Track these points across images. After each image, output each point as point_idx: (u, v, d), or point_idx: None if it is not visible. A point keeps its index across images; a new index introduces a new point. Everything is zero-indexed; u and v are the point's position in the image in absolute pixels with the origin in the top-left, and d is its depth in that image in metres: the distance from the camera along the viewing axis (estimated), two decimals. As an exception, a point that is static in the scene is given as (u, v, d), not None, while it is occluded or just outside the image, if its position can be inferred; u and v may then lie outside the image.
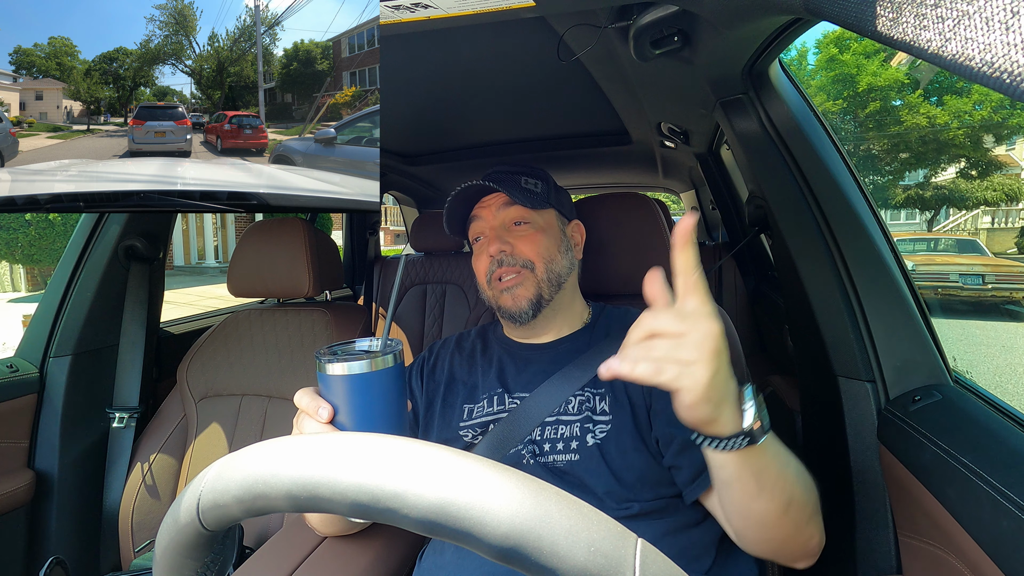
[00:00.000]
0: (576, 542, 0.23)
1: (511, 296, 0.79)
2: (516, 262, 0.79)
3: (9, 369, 1.13)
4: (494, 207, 0.83)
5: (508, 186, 0.80)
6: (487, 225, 0.83)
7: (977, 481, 0.52)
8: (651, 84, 1.17)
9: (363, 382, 0.47)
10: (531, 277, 0.79)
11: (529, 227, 0.82)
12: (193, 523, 0.30)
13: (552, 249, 0.82)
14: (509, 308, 0.79)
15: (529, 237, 0.81)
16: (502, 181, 0.82)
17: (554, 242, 0.83)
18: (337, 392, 0.47)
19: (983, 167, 15.18)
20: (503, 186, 0.79)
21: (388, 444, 0.28)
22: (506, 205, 0.82)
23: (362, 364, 0.46)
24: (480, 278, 0.84)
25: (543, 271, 0.79)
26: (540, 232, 0.82)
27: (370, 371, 0.46)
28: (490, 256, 0.81)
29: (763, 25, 0.69)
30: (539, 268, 0.79)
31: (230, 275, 1.22)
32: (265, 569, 0.70)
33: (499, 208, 0.83)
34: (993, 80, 0.24)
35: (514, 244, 0.80)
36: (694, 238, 0.44)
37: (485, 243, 0.83)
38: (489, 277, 0.81)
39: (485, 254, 0.82)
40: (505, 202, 0.82)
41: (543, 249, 0.81)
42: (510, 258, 0.79)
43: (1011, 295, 7.15)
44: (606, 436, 0.69)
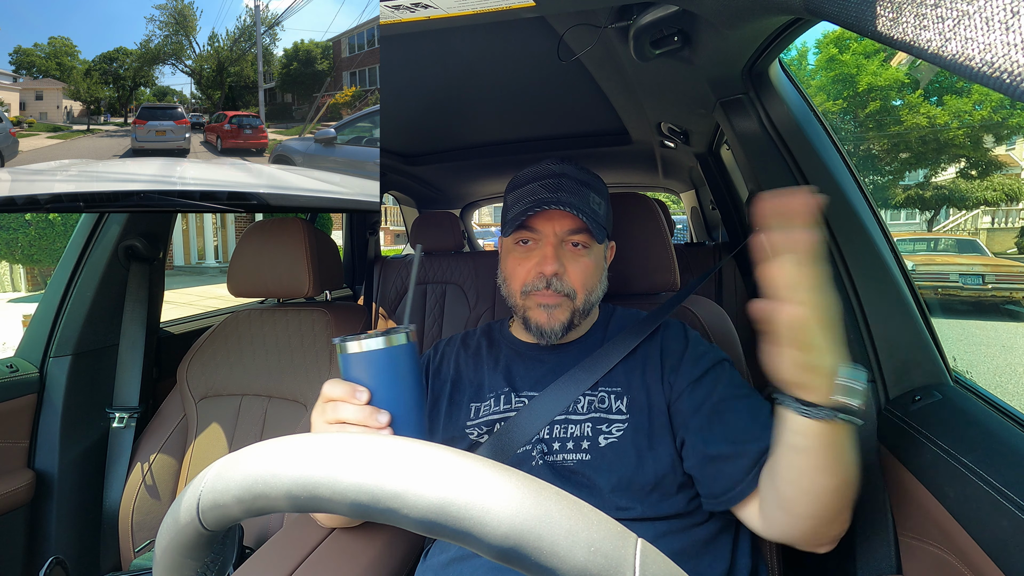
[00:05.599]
0: (576, 542, 0.23)
1: (547, 313, 0.76)
2: (562, 289, 0.76)
3: (9, 369, 1.13)
4: (557, 224, 0.77)
5: (581, 207, 0.74)
6: (545, 239, 0.77)
7: (977, 481, 0.52)
8: (651, 84, 1.17)
9: (389, 356, 0.49)
10: (569, 305, 0.77)
11: (585, 254, 0.78)
12: (193, 523, 0.30)
13: (595, 279, 0.79)
14: (542, 325, 0.76)
15: (582, 265, 0.77)
16: (574, 197, 0.75)
17: (598, 270, 0.80)
18: (364, 371, 0.50)
19: (983, 167, 15.20)
20: (576, 208, 0.74)
21: (388, 444, 0.28)
22: (573, 227, 0.76)
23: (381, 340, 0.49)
24: (513, 283, 0.80)
25: (582, 301, 0.77)
26: (592, 261, 0.78)
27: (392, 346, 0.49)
28: (540, 272, 0.76)
29: (763, 25, 0.69)
30: (579, 298, 0.77)
31: (230, 275, 1.22)
32: (265, 569, 0.70)
33: (563, 227, 0.77)
34: (993, 80, 0.24)
35: (566, 268, 0.76)
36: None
37: (536, 254, 0.78)
38: (527, 288, 0.77)
39: (533, 265, 0.77)
40: (573, 224, 0.76)
41: (588, 279, 0.78)
42: (558, 282, 0.76)
43: (1011, 295, 7.15)
44: (623, 435, 0.69)
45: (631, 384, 0.74)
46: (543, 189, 0.77)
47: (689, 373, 0.72)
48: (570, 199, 0.74)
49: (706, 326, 0.97)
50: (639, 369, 0.75)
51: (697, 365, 0.73)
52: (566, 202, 0.74)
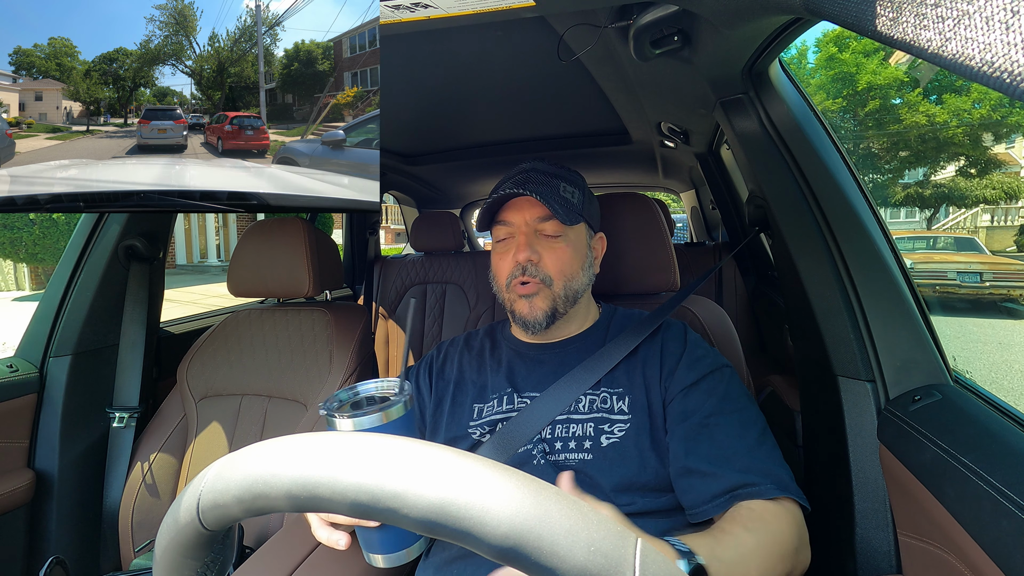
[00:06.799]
0: (576, 541, 0.23)
1: (528, 304, 0.78)
2: (538, 274, 0.78)
3: (9, 369, 1.13)
4: (527, 212, 0.80)
5: (547, 195, 0.77)
6: (518, 229, 0.80)
7: (977, 481, 0.52)
8: (651, 84, 1.17)
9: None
10: (548, 292, 0.78)
11: (560, 240, 0.80)
12: (193, 523, 0.30)
13: (575, 266, 0.80)
14: (524, 316, 0.79)
15: (557, 251, 0.79)
16: (542, 186, 0.78)
17: (579, 259, 0.81)
18: None
19: (982, 165, 15.22)
20: (542, 195, 0.76)
21: (388, 444, 0.28)
22: (541, 214, 0.79)
23: (375, 417, 0.44)
24: (500, 279, 0.83)
25: (560, 288, 0.79)
26: (568, 247, 0.80)
27: (388, 422, 0.44)
28: (516, 261, 0.79)
29: (763, 25, 0.69)
30: (557, 285, 0.78)
31: (230, 275, 1.22)
32: (265, 569, 0.70)
33: (532, 215, 0.80)
34: (993, 80, 0.24)
35: (541, 255, 0.78)
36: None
37: (512, 246, 0.80)
38: (510, 281, 0.80)
39: (511, 257, 0.80)
40: (541, 212, 0.79)
41: (566, 266, 0.79)
42: (534, 268, 0.78)
43: (1008, 293, 7.18)
44: (625, 435, 0.70)
45: (632, 384, 0.74)
46: (512, 184, 0.80)
47: (683, 378, 0.73)
48: (537, 188, 0.77)
49: (706, 326, 0.97)
50: (640, 369, 0.76)
51: (692, 370, 0.73)
52: (532, 191, 0.76)
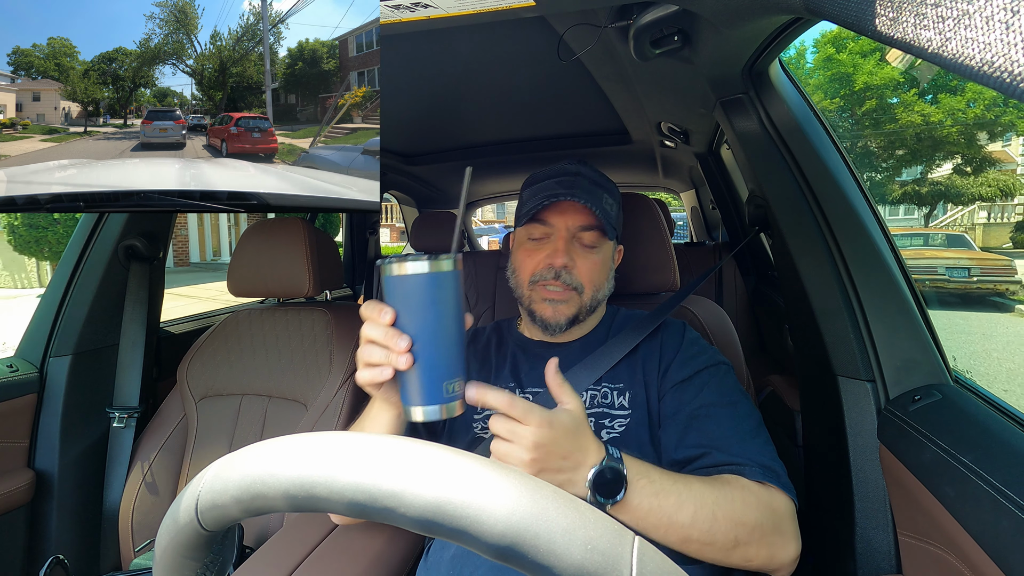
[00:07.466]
0: (573, 540, 0.23)
1: (552, 308, 0.78)
2: (571, 282, 0.78)
3: (9, 369, 1.13)
4: (571, 218, 0.79)
5: (594, 202, 0.76)
6: (557, 232, 0.79)
7: (977, 481, 0.52)
8: (651, 84, 1.17)
9: (423, 282, 0.48)
10: (576, 300, 0.79)
11: (595, 252, 0.80)
12: (192, 523, 0.30)
13: (603, 277, 0.81)
14: (547, 318, 0.79)
15: (592, 262, 0.79)
16: (590, 195, 0.77)
17: (606, 269, 0.82)
18: (398, 295, 0.49)
19: (977, 163, 15.33)
20: (590, 202, 0.76)
21: (386, 443, 0.28)
22: (585, 223, 0.79)
23: (424, 264, 0.47)
24: (522, 274, 0.82)
25: (588, 297, 0.79)
26: (600, 258, 0.80)
27: (430, 272, 0.48)
28: (550, 264, 0.78)
29: (763, 24, 0.69)
30: (586, 294, 0.79)
31: (230, 275, 1.22)
32: (265, 569, 0.70)
33: (576, 221, 0.79)
34: (993, 80, 0.24)
35: (576, 263, 0.78)
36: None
37: (547, 246, 0.80)
38: (536, 278, 0.80)
39: (543, 257, 0.79)
40: (586, 221, 0.79)
41: (596, 276, 0.80)
42: (567, 275, 0.78)
43: (995, 287, 7.49)
44: (625, 429, 0.71)
45: (633, 380, 0.75)
46: (559, 186, 0.79)
47: (677, 375, 0.74)
48: (585, 195, 0.77)
49: (706, 326, 0.97)
50: (639, 366, 0.77)
51: (686, 367, 0.74)
52: (581, 197, 0.76)
